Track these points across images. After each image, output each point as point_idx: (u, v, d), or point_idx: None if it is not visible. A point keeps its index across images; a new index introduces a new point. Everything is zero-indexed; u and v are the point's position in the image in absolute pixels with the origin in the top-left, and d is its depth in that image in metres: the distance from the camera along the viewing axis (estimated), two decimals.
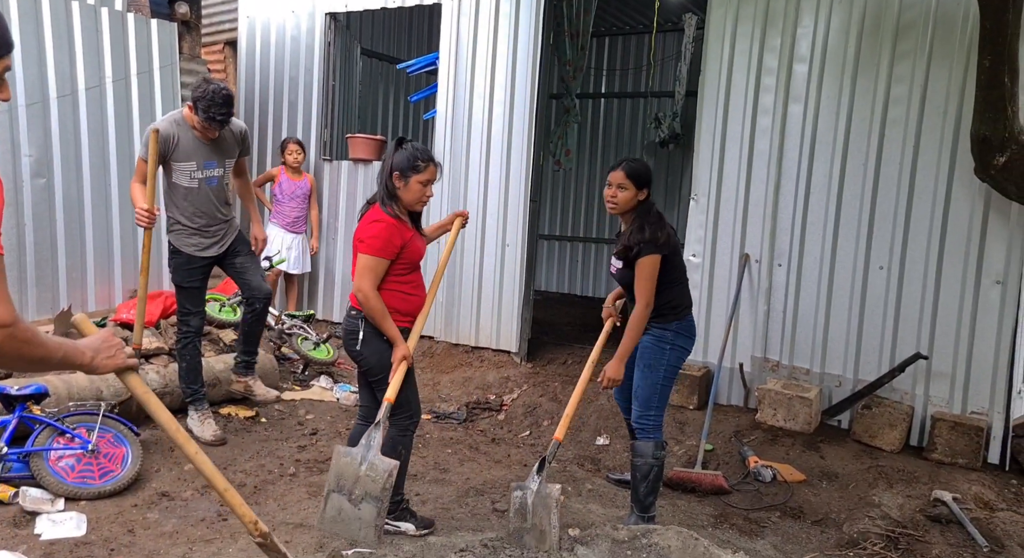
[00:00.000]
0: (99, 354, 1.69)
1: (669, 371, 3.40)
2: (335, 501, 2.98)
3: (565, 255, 9.27)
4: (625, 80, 8.78)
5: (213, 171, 3.98)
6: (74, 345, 1.67)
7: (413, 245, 3.16)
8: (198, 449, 1.88)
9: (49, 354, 1.58)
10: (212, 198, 4.01)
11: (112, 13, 5.10)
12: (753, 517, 3.75)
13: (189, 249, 4.00)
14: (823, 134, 4.65)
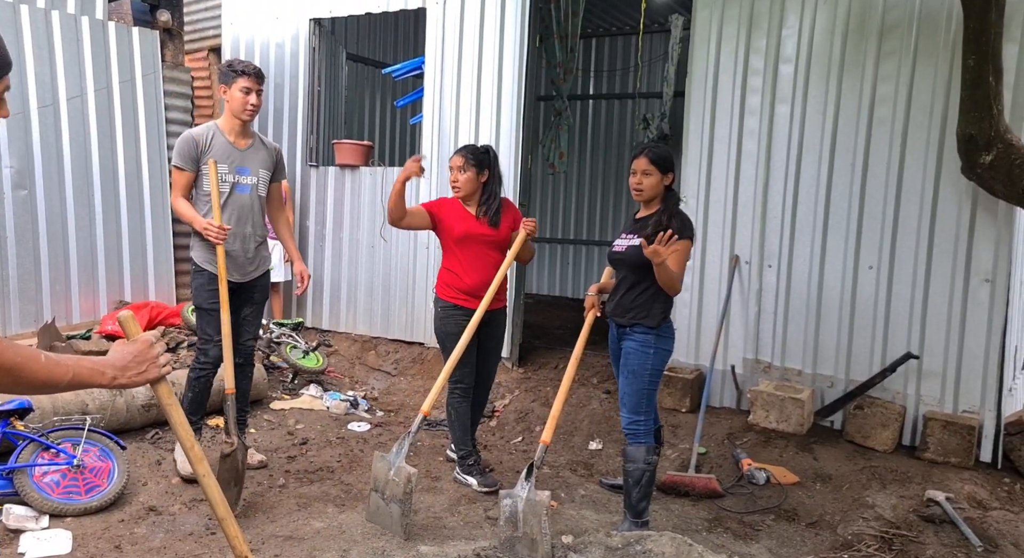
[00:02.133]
0: (126, 372, 1.54)
1: (654, 374, 3.41)
2: (375, 499, 3.43)
3: (556, 258, 9.25)
4: (613, 81, 8.78)
5: (246, 178, 3.73)
6: (91, 366, 1.51)
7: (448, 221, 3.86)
8: (208, 472, 1.79)
9: (52, 379, 1.44)
10: (243, 209, 3.74)
11: (92, 22, 5.04)
12: (747, 520, 3.74)
13: (209, 266, 3.70)
14: (810, 134, 4.65)
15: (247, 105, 3.66)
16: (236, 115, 3.70)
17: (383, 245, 6.09)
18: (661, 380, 3.60)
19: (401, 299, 6.02)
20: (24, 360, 1.40)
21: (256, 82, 3.68)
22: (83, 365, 1.50)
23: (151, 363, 1.58)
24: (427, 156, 5.87)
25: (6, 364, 1.38)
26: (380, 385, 5.71)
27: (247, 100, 3.65)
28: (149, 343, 1.58)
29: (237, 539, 1.84)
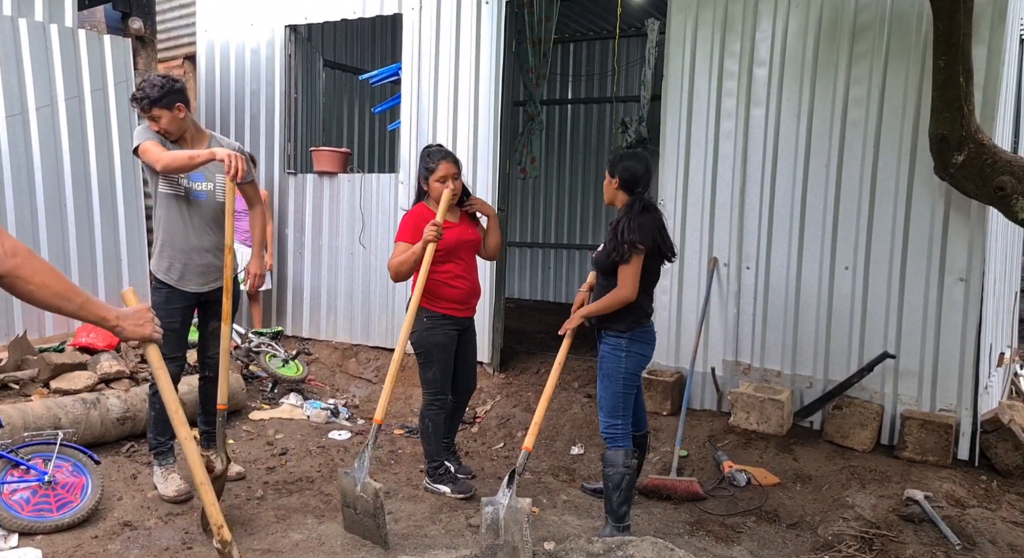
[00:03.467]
0: (126, 321, 1.85)
1: (628, 378, 3.39)
2: (347, 513, 3.40)
3: (537, 262, 9.25)
4: (591, 86, 8.79)
5: (200, 184, 3.64)
6: (100, 303, 1.82)
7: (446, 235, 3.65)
8: (190, 435, 1.99)
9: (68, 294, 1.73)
10: (202, 215, 3.64)
11: (62, 30, 4.96)
12: (729, 523, 3.74)
13: (166, 277, 3.62)
14: (785, 136, 4.68)
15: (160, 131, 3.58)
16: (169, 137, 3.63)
17: (362, 252, 6.05)
18: (640, 384, 3.58)
19: (381, 306, 5.99)
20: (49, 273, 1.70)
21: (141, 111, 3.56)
22: (93, 300, 1.82)
23: (148, 321, 1.91)
24: (405, 162, 5.85)
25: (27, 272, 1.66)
26: (361, 393, 5.67)
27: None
28: (148, 307, 1.94)
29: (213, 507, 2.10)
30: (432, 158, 3.73)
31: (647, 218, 3.28)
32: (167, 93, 3.53)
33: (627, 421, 3.42)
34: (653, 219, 3.31)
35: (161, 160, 3.43)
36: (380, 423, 3.52)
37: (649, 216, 3.30)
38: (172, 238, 3.65)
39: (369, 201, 6.02)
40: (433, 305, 3.76)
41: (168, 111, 3.54)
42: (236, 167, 3.41)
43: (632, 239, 3.21)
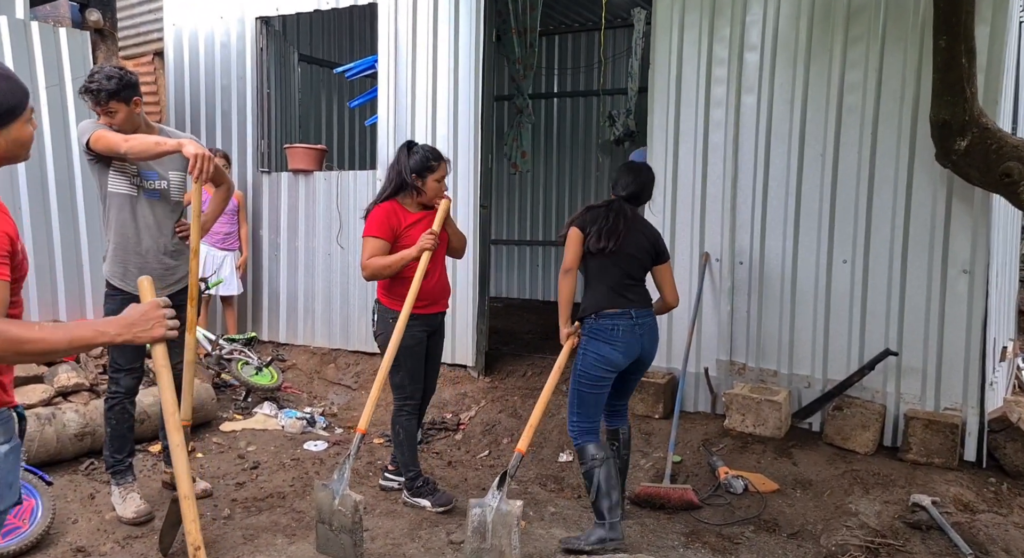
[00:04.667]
0: (133, 329, 1.66)
1: (583, 376, 3.35)
2: (321, 530, 3.19)
3: (525, 259, 9.03)
4: (577, 79, 8.58)
5: (154, 183, 3.40)
6: (91, 328, 1.63)
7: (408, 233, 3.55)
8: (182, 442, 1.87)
9: (50, 347, 1.58)
10: (155, 216, 3.41)
11: (13, 22, 4.69)
12: (726, 533, 3.54)
13: (122, 283, 3.38)
14: (778, 125, 4.47)
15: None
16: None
17: (340, 252, 5.81)
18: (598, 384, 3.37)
19: (361, 308, 5.74)
20: (19, 333, 1.54)
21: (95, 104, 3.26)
22: (83, 326, 1.63)
23: (158, 321, 1.69)
24: (384, 159, 5.61)
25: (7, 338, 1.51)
26: (340, 400, 5.43)
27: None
28: (157, 304, 1.70)
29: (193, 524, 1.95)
30: (432, 155, 3.61)
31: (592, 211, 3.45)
32: (125, 86, 3.27)
33: (584, 418, 3.38)
34: (596, 213, 3.42)
35: (124, 144, 3.15)
36: (363, 433, 3.35)
37: (596, 211, 3.43)
38: (125, 240, 3.41)
39: (346, 200, 5.78)
40: (398, 304, 3.51)
41: (125, 105, 3.28)
42: (204, 170, 3.15)
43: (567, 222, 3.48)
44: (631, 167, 3.58)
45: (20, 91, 1.74)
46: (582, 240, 3.40)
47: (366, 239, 3.56)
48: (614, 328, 3.32)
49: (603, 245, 3.34)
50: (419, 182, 3.59)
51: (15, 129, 1.75)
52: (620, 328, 3.33)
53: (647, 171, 3.56)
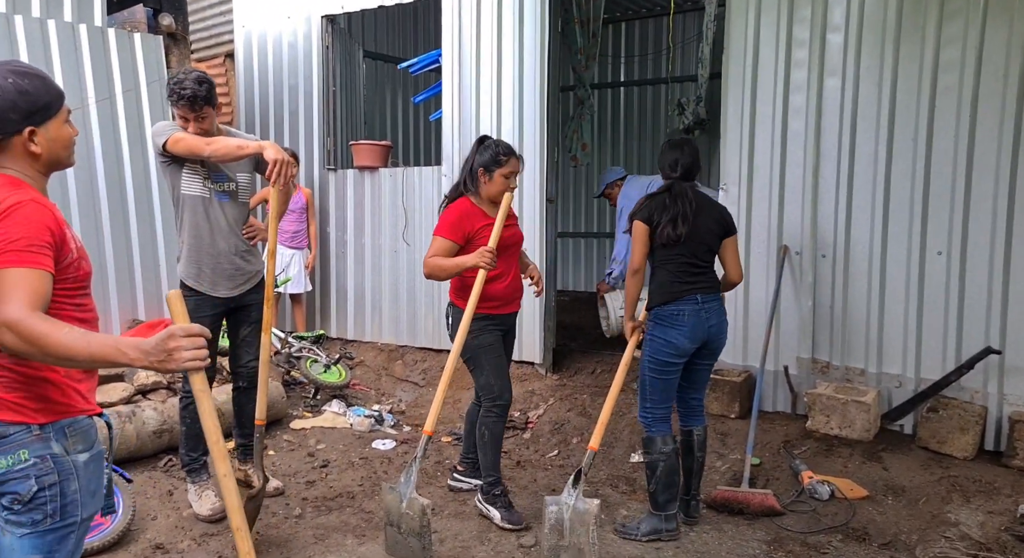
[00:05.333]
0: (149, 357, 1.58)
1: (651, 362, 3.34)
2: (390, 533, 3.16)
3: (592, 252, 8.88)
4: (644, 67, 8.36)
5: (224, 185, 3.41)
6: (114, 345, 1.58)
7: (483, 233, 3.38)
8: (229, 471, 1.75)
9: (70, 353, 1.55)
10: (227, 217, 3.42)
11: (91, 29, 4.82)
12: (812, 541, 3.36)
13: (196, 284, 3.41)
14: (865, 109, 4.20)
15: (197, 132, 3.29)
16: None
17: (406, 249, 5.80)
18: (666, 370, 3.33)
19: (427, 305, 5.72)
20: (46, 332, 1.53)
21: (189, 110, 3.24)
22: (106, 344, 1.58)
23: (168, 355, 1.59)
24: (448, 154, 5.56)
25: (30, 334, 1.52)
26: (408, 397, 5.42)
27: (199, 127, 3.28)
28: (174, 334, 1.60)
29: (249, 556, 1.81)
30: (502, 149, 3.44)
31: (655, 199, 3.35)
32: (213, 90, 3.31)
33: (656, 407, 3.36)
34: (660, 200, 3.33)
35: (207, 147, 3.14)
36: (430, 435, 3.26)
37: (659, 198, 3.33)
38: (198, 242, 3.42)
39: (412, 196, 5.76)
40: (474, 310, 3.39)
41: (213, 109, 3.32)
42: (284, 175, 3.09)
43: (630, 215, 3.40)
44: (673, 143, 3.45)
45: (54, 89, 1.78)
46: (648, 234, 3.31)
47: (435, 237, 3.43)
48: (679, 313, 3.28)
49: (677, 234, 3.25)
50: (485, 177, 3.44)
51: (53, 128, 1.77)
52: (685, 312, 3.28)
53: (690, 143, 3.44)
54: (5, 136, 1.72)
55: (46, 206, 1.71)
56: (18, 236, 1.61)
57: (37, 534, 1.75)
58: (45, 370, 1.73)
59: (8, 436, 1.71)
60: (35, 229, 1.64)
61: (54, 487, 1.74)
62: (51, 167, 1.84)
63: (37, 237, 1.63)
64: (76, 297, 1.79)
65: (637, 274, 3.35)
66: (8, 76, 1.72)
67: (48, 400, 1.75)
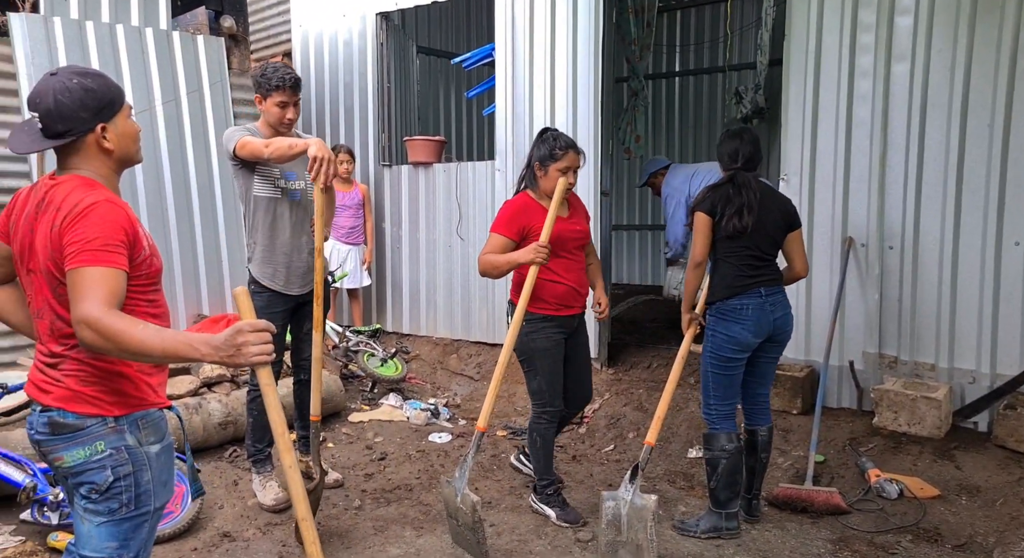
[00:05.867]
0: (218, 352, 1.64)
1: (714, 357, 3.28)
2: (451, 524, 3.22)
3: (647, 245, 8.78)
4: (700, 55, 8.20)
5: (294, 183, 3.49)
6: (186, 342, 1.64)
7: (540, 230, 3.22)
8: (294, 463, 1.79)
9: (145, 349, 1.61)
10: (297, 216, 3.48)
11: (157, 33, 4.97)
12: (879, 541, 3.26)
13: (271, 283, 3.47)
14: (936, 95, 4.02)
15: (284, 119, 3.40)
16: (273, 127, 3.44)
17: (460, 244, 5.82)
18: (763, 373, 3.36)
19: (481, 299, 5.74)
20: (123, 328, 1.60)
21: (292, 95, 3.36)
22: (178, 340, 1.64)
23: (237, 350, 1.64)
24: (502, 149, 5.56)
25: (108, 330, 1.59)
26: (463, 391, 5.45)
27: (283, 115, 3.39)
28: (241, 330, 1.65)
29: (314, 546, 1.83)
30: (559, 143, 3.30)
31: (718, 190, 3.26)
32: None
33: (720, 403, 3.30)
34: (724, 191, 3.24)
35: (266, 149, 3.22)
36: (483, 431, 3.24)
37: (722, 189, 3.25)
38: (273, 242, 3.47)
39: (466, 191, 5.78)
40: (532, 305, 3.28)
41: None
42: (323, 172, 3.11)
43: (692, 207, 3.32)
44: (732, 133, 3.34)
45: (115, 86, 1.87)
46: (711, 226, 3.22)
47: (490, 234, 3.35)
48: (743, 307, 3.20)
49: (743, 224, 3.17)
50: (541, 172, 3.34)
51: (120, 123, 1.84)
52: (749, 306, 3.20)
53: (749, 131, 3.35)
54: (80, 135, 1.79)
55: (119, 206, 1.76)
56: (94, 236, 1.67)
57: (113, 522, 1.82)
58: (119, 365, 1.79)
59: (86, 428, 1.78)
60: (110, 229, 1.70)
61: (128, 477, 1.81)
62: (123, 163, 1.90)
63: (112, 236, 1.69)
64: (148, 293, 1.84)
65: (699, 267, 3.27)
66: (72, 77, 1.80)
67: (122, 394, 1.82)
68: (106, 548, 1.83)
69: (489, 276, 3.36)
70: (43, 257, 1.76)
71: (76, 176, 1.81)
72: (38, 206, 1.78)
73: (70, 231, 1.68)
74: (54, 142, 1.78)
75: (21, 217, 1.83)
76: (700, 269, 3.28)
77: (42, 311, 1.81)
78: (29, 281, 1.83)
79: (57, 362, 1.80)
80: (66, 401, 1.78)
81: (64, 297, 1.72)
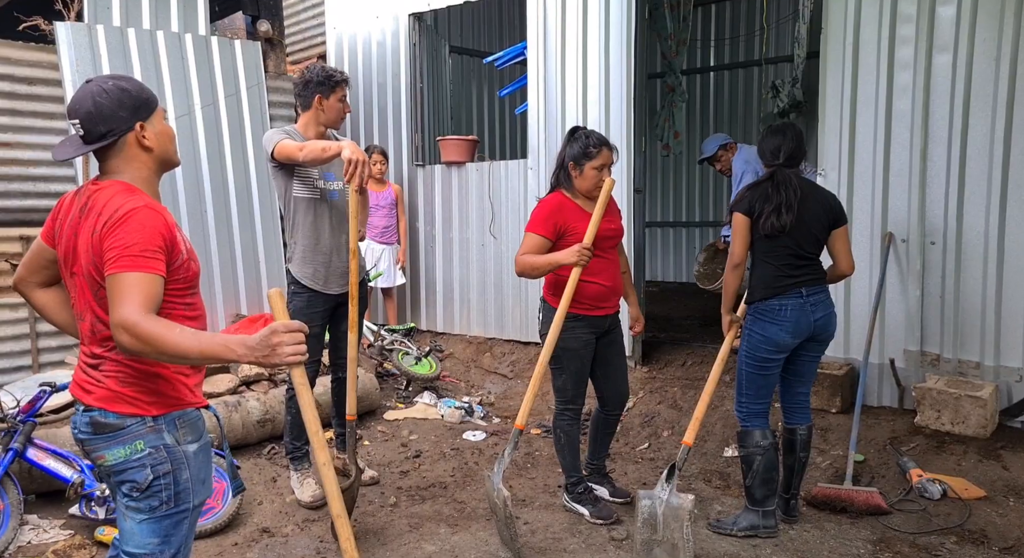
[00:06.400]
0: (254, 352, 1.67)
1: (749, 357, 3.24)
2: (495, 518, 3.27)
3: (681, 242, 8.71)
4: (735, 49, 8.10)
5: (333, 184, 3.53)
6: (222, 343, 1.68)
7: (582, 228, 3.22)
8: (328, 460, 1.81)
9: (182, 352, 1.65)
10: (337, 216, 3.51)
11: (196, 38, 5.08)
12: (922, 543, 3.19)
13: (311, 283, 3.51)
14: (979, 86, 3.92)
15: (343, 114, 3.54)
16: (331, 124, 3.53)
17: (493, 242, 5.84)
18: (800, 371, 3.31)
19: (514, 298, 5.75)
20: (160, 332, 1.64)
21: (346, 89, 3.52)
22: (214, 341, 1.69)
23: (272, 350, 1.67)
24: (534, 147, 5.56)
25: (145, 334, 1.63)
26: (497, 389, 5.47)
27: (345, 109, 3.54)
28: (273, 331, 1.68)
29: (348, 542, 1.86)
30: (592, 141, 3.27)
31: (757, 189, 3.22)
32: None
33: (753, 401, 3.27)
34: (763, 190, 3.19)
35: (299, 153, 3.27)
36: (522, 429, 3.26)
37: (761, 187, 3.20)
38: (314, 242, 3.52)
39: (498, 190, 5.79)
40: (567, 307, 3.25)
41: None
42: (357, 174, 3.15)
43: (730, 207, 3.28)
44: (775, 128, 3.29)
45: (148, 89, 1.93)
46: (749, 226, 3.17)
47: (526, 234, 3.33)
48: (782, 308, 3.15)
49: (781, 223, 3.11)
50: (576, 171, 3.29)
51: (156, 122, 1.90)
52: (788, 307, 3.15)
53: (792, 127, 3.28)
54: (121, 134, 1.84)
55: (158, 211, 1.81)
56: (133, 241, 1.72)
57: (154, 519, 1.87)
58: (157, 366, 1.84)
59: (126, 427, 1.83)
60: (148, 234, 1.74)
61: (168, 476, 1.85)
62: (162, 163, 1.95)
63: (150, 242, 1.73)
64: (186, 296, 1.89)
65: (738, 268, 3.21)
66: (107, 80, 1.87)
67: (160, 394, 1.86)
68: (148, 544, 1.87)
69: (527, 276, 3.34)
70: (85, 261, 1.81)
71: (118, 182, 1.85)
72: (81, 210, 1.84)
73: (110, 236, 1.73)
74: (97, 144, 1.83)
75: (66, 221, 1.88)
76: (739, 270, 3.22)
77: (84, 313, 1.87)
78: (72, 283, 1.89)
79: (98, 363, 1.85)
80: (107, 401, 1.83)
81: (104, 300, 1.76)
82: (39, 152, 4.76)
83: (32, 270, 2.02)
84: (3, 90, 4.64)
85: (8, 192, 4.71)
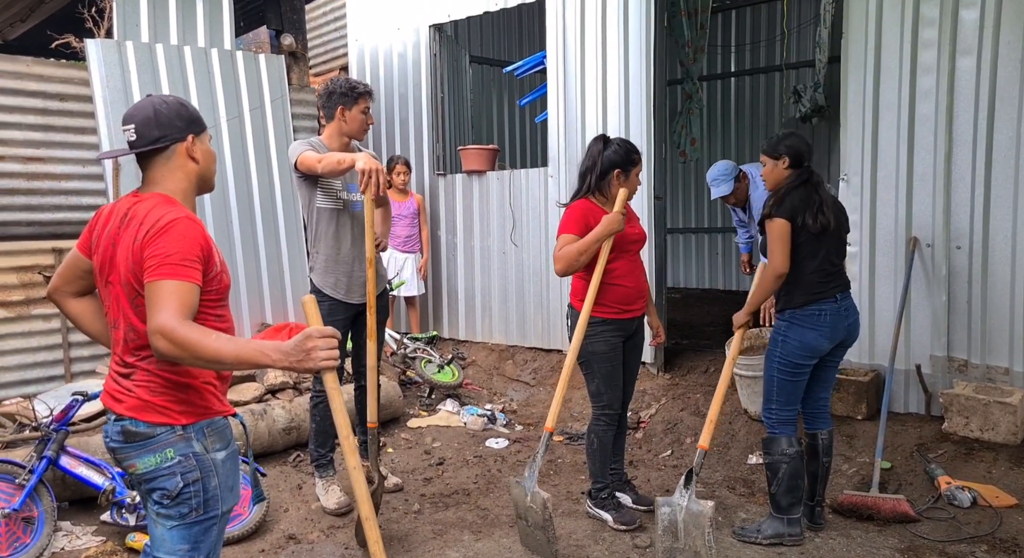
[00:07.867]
0: (289, 357, 1.71)
1: (783, 364, 3.21)
2: (521, 526, 3.28)
3: (703, 248, 8.67)
4: (756, 55, 8.07)
5: (355, 195, 3.58)
6: (257, 349, 1.72)
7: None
8: (358, 464, 1.85)
9: (219, 357, 1.69)
10: (359, 226, 3.52)
11: (222, 53, 5.18)
12: (951, 551, 3.16)
13: (333, 292, 3.56)
14: (1005, 89, 3.88)
15: (366, 126, 3.58)
16: (354, 136, 3.58)
17: (514, 250, 5.87)
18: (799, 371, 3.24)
19: (536, 305, 5.77)
20: (197, 338, 1.68)
21: (371, 101, 3.57)
22: (250, 347, 1.73)
23: (306, 355, 1.71)
24: (554, 155, 5.58)
25: (182, 340, 1.67)
26: (519, 397, 5.49)
27: (368, 121, 3.58)
28: (310, 335, 1.72)
29: (377, 545, 1.89)
30: (632, 147, 3.41)
31: (795, 192, 3.17)
32: None
33: (783, 407, 3.25)
34: (801, 192, 3.16)
35: (318, 165, 3.32)
36: (551, 431, 3.29)
37: (799, 190, 3.17)
38: (336, 253, 3.57)
39: (519, 198, 5.82)
40: (593, 309, 3.31)
41: None
42: (372, 185, 3.18)
43: (765, 212, 3.19)
44: (791, 133, 3.38)
45: (196, 110, 2.02)
46: (791, 232, 3.13)
47: (560, 236, 3.35)
48: (820, 313, 3.16)
49: (826, 220, 3.12)
50: (623, 177, 3.35)
51: (205, 140, 1.99)
52: (827, 313, 3.16)
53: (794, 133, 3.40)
54: (173, 141, 1.91)
55: (197, 223, 1.86)
56: (174, 251, 1.77)
57: (184, 526, 1.91)
58: (186, 376, 1.88)
59: (156, 436, 1.87)
60: (188, 244, 1.79)
61: (197, 483, 1.89)
62: (202, 180, 2.01)
63: (189, 252, 1.78)
64: (217, 308, 1.93)
65: (782, 278, 3.14)
66: (168, 96, 1.98)
67: (189, 403, 1.91)
68: (178, 550, 1.91)
69: (571, 269, 3.31)
70: (124, 269, 1.86)
71: (158, 193, 1.91)
72: (121, 220, 1.89)
73: (151, 245, 1.78)
74: (147, 148, 1.90)
75: (104, 232, 1.94)
76: (782, 279, 3.16)
77: (118, 321, 1.92)
78: (108, 293, 1.94)
79: (130, 372, 1.90)
80: (137, 410, 1.87)
81: (140, 309, 1.81)
82: (71, 166, 4.88)
83: (67, 280, 2.07)
84: (36, 107, 4.76)
85: (41, 205, 4.83)
